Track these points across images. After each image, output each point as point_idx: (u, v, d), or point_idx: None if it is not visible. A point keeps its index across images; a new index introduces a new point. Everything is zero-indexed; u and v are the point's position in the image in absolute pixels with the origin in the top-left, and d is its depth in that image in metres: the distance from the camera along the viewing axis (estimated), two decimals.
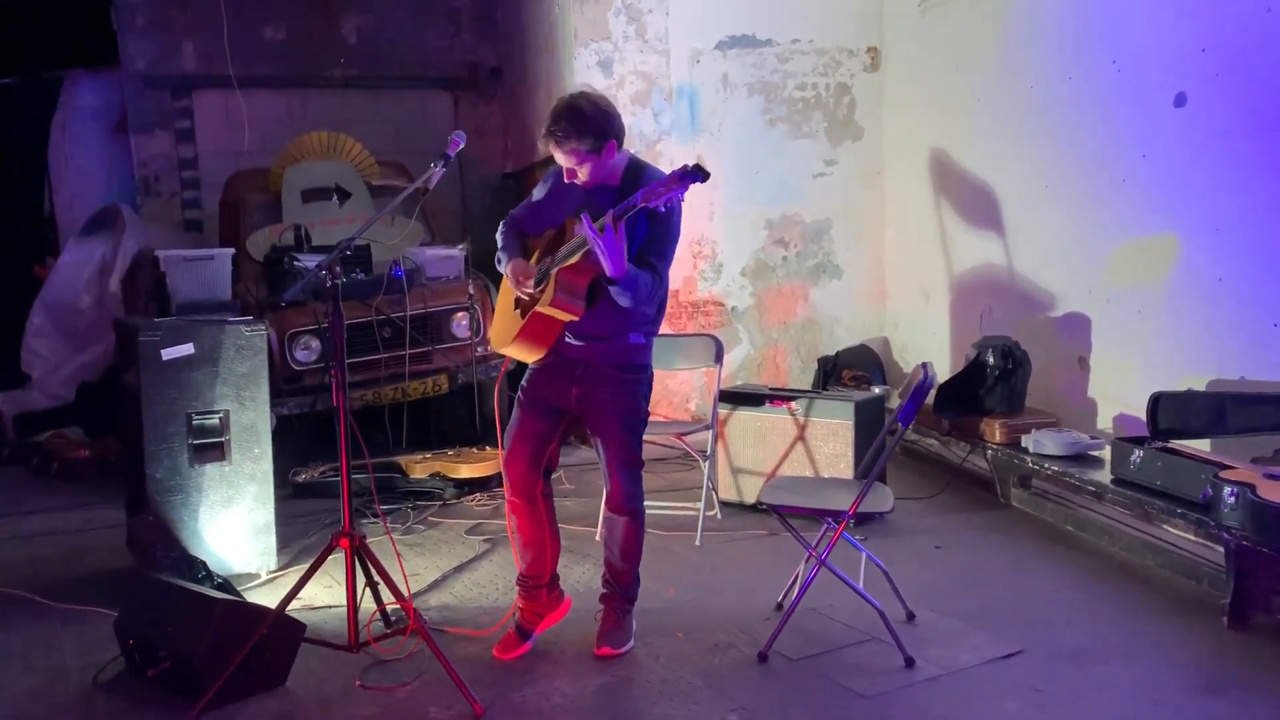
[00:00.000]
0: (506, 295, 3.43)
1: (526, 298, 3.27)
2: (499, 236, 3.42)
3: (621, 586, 3.47)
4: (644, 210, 2.93)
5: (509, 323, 3.37)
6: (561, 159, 3.17)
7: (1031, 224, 5.64)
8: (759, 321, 6.94)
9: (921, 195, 6.61)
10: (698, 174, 2.81)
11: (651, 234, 3.15)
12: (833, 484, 4.12)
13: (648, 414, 3.39)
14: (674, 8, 6.56)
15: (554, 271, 3.13)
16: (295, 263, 5.80)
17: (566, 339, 3.29)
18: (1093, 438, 4.69)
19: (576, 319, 3.17)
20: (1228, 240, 4.41)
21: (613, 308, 3.16)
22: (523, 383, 3.41)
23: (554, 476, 3.49)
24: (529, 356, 3.36)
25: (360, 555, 3.27)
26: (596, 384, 3.29)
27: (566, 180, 3.23)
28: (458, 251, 6.25)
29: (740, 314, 6.90)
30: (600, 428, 3.32)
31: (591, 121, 3.09)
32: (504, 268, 3.33)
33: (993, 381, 5.10)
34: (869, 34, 6.88)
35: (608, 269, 2.98)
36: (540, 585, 3.52)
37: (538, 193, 3.42)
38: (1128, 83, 4.90)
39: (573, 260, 3.11)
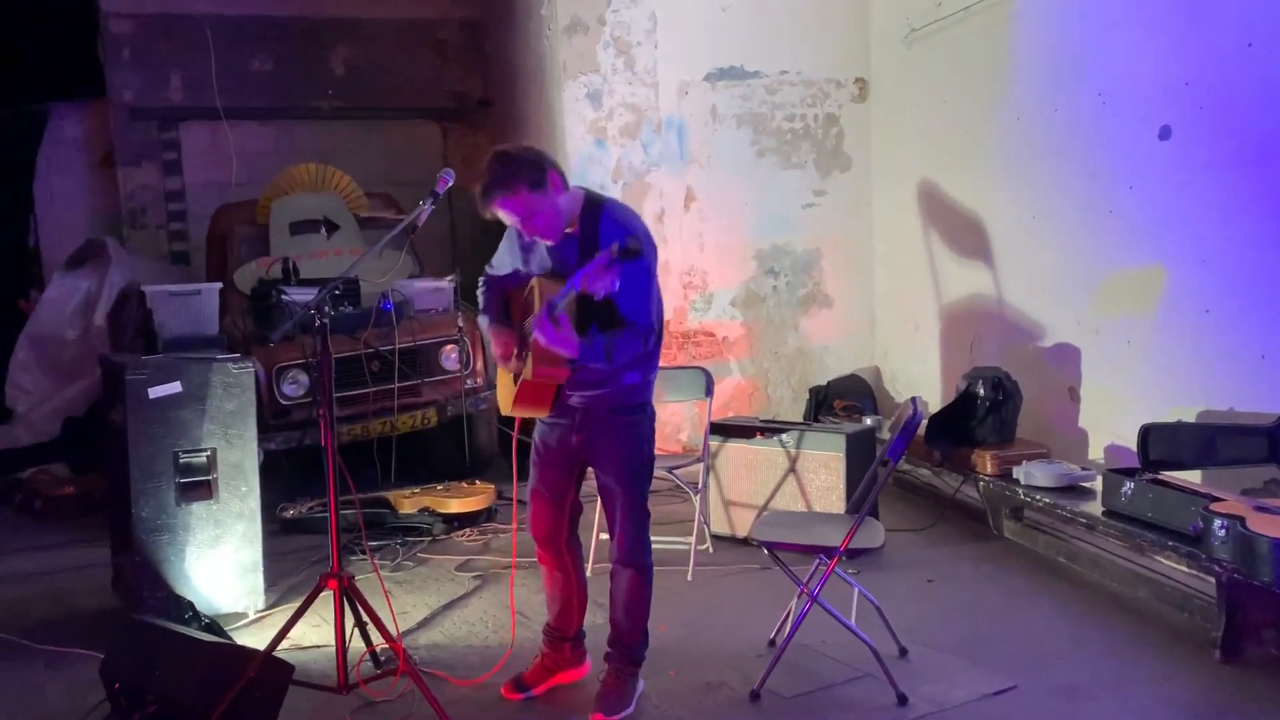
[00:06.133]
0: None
1: (514, 368, 3.24)
2: (479, 295, 3.40)
3: (627, 646, 3.36)
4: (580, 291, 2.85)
5: (507, 389, 3.31)
6: (507, 218, 3.08)
7: (1020, 254, 5.67)
8: (750, 352, 6.97)
9: (910, 225, 6.64)
10: (626, 259, 2.77)
11: (616, 293, 2.96)
12: (824, 519, 4.13)
13: (653, 458, 3.32)
14: (662, 40, 6.64)
15: (530, 341, 3.07)
16: (283, 296, 5.83)
17: (564, 390, 3.25)
18: (1084, 469, 4.69)
19: (564, 381, 3.13)
20: (1214, 271, 4.45)
21: None
22: (534, 438, 3.37)
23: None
24: (536, 414, 3.30)
25: (348, 596, 3.27)
26: (596, 431, 3.22)
27: (527, 238, 3.18)
28: (446, 284, 6.24)
29: (731, 344, 6.93)
30: (602, 476, 3.27)
31: (521, 161, 3.02)
32: (484, 331, 3.34)
33: (984, 412, 5.12)
34: (856, 65, 6.95)
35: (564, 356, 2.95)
36: (565, 638, 3.48)
37: (507, 253, 3.38)
38: (1113, 115, 4.95)
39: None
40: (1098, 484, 4.42)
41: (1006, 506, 4.95)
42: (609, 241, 2.86)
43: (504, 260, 3.39)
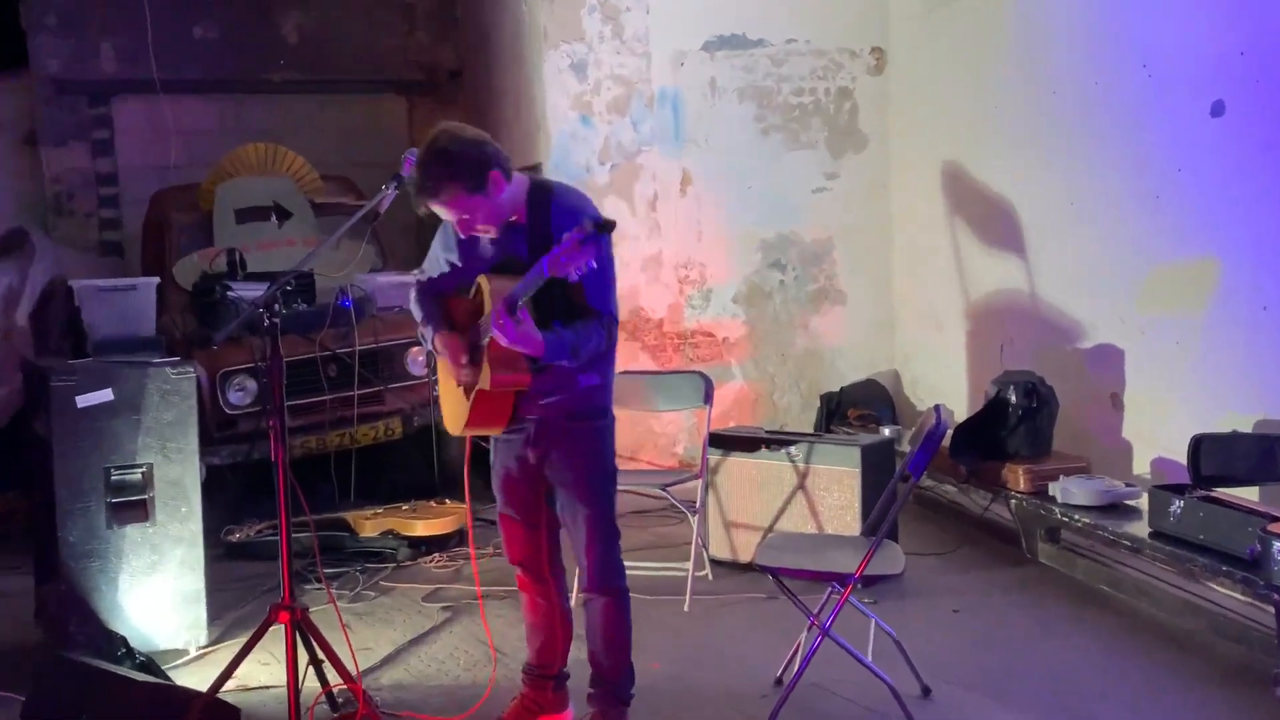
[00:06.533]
0: (447, 373, 3.40)
1: (465, 378, 3.24)
2: (413, 307, 3.40)
3: (611, 684, 3.35)
4: (548, 277, 2.87)
5: (456, 404, 3.33)
6: (446, 214, 3.12)
7: (1056, 245, 5.67)
8: (753, 354, 6.96)
9: (933, 212, 6.62)
10: (599, 234, 2.79)
11: (580, 283, 3.04)
12: (836, 542, 4.14)
13: (615, 469, 3.36)
14: (655, 5, 6.67)
15: (484, 344, 3.09)
16: (228, 292, 5.80)
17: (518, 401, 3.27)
18: (1128, 485, 4.70)
19: (526, 387, 3.15)
20: (1274, 264, 4.43)
21: None
22: (491, 459, 3.42)
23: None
24: (491, 431, 3.33)
25: (302, 630, 3.27)
26: (553, 442, 3.26)
27: (464, 236, 3.20)
28: (413, 278, 6.01)
29: (732, 346, 6.92)
30: (563, 492, 3.30)
31: (462, 157, 3.04)
32: (428, 343, 3.31)
33: (1015, 422, 5.10)
34: (873, 33, 6.94)
35: (524, 353, 2.99)
36: (548, 676, 3.48)
37: (440, 243, 3.39)
38: (1160, 89, 4.95)
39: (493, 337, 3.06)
40: (1143, 502, 4.41)
41: (1041, 527, 4.95)
42: (562, 230, 2.90)
43: (437, 260, 3.41)
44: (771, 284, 6.95)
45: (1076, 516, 4.60)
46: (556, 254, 2.81)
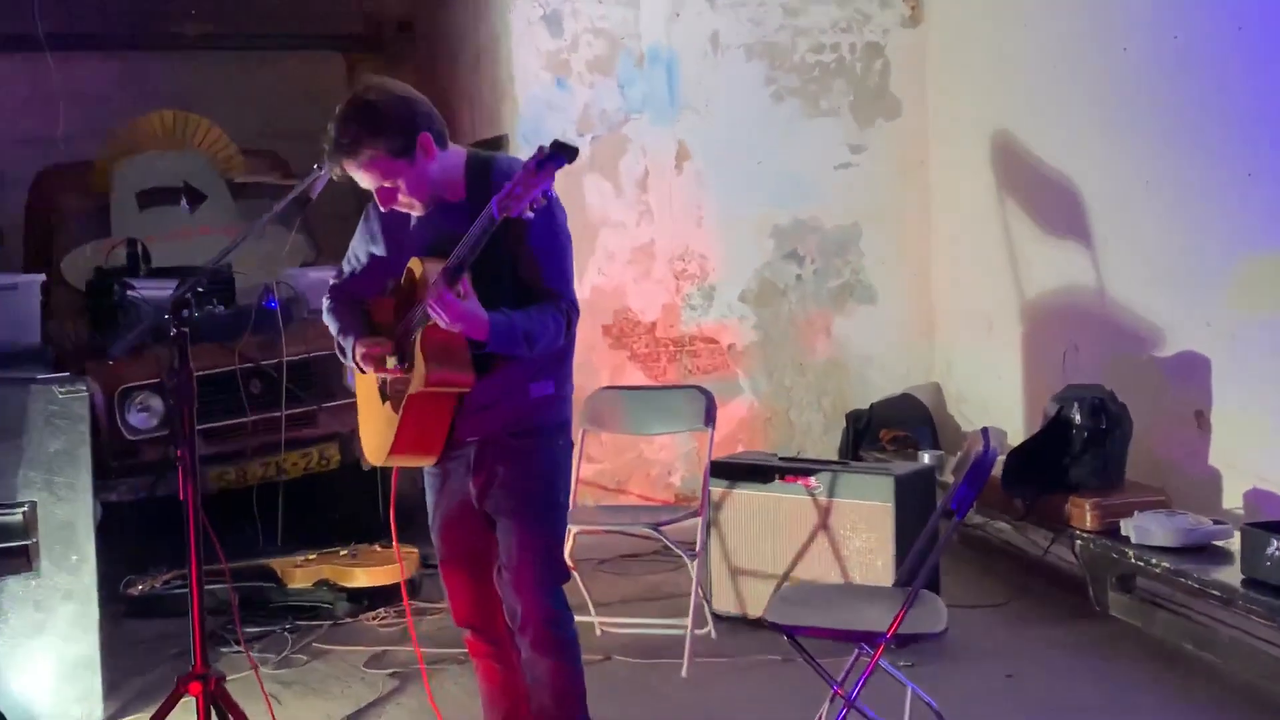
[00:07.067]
0: (367, 389, 3.44)
1: (394, 387, 3.26)
2: (328, 316, 3.44)
3: None
4: (499, 223, 2.92)
5: (379, 426, 3.34)
6: (365, 180, 3.17)
7: (1128, 232, 5.67)
8: (765, 364, 6.94)
9: (980, 193, 6.58)
10: (559, 155, 2.82)
11: (529, 256, 3.14)
12: (865, 593, 4.13)
13: (567, 500, 3.40)
14: None
15: (416, 339, 3.11)
16: (129, 293, 5.79)
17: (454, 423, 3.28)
18: (1216, 522, 4.69)
19: (469, 388, 3.16)
20: None
21: (505, 360, 3.18)
22: (427, 495, 3.45)
23: None
24: (421, 462, 3.35)
25: (217, 704, 3.24)
26: (495, 466, 3.27)
27: (384, 208, 3.24)
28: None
29: (740, 354, 6.90)
30: (502, 523, 3.29)
31: (389, 113, 3.10)
32: (349, 357, 3.33)
33: (1080, 446, 5.13)
34: None
35: (467, 335, 3.02)
36: None
37: (361, 246, 3.45)
38: (1254, 48, 4.92)
39: (430, 322, 3.07)
40: (1235, 543, 4.43)
41: (1112, 574, 4.94)
42: None
43: (360, 253, 3.46)
44: (786, 279, 6.94)
45: (1154, 560, 4.59)
46: (508, 189, 2.85)
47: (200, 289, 5.23)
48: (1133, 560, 4.70)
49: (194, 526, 3.15)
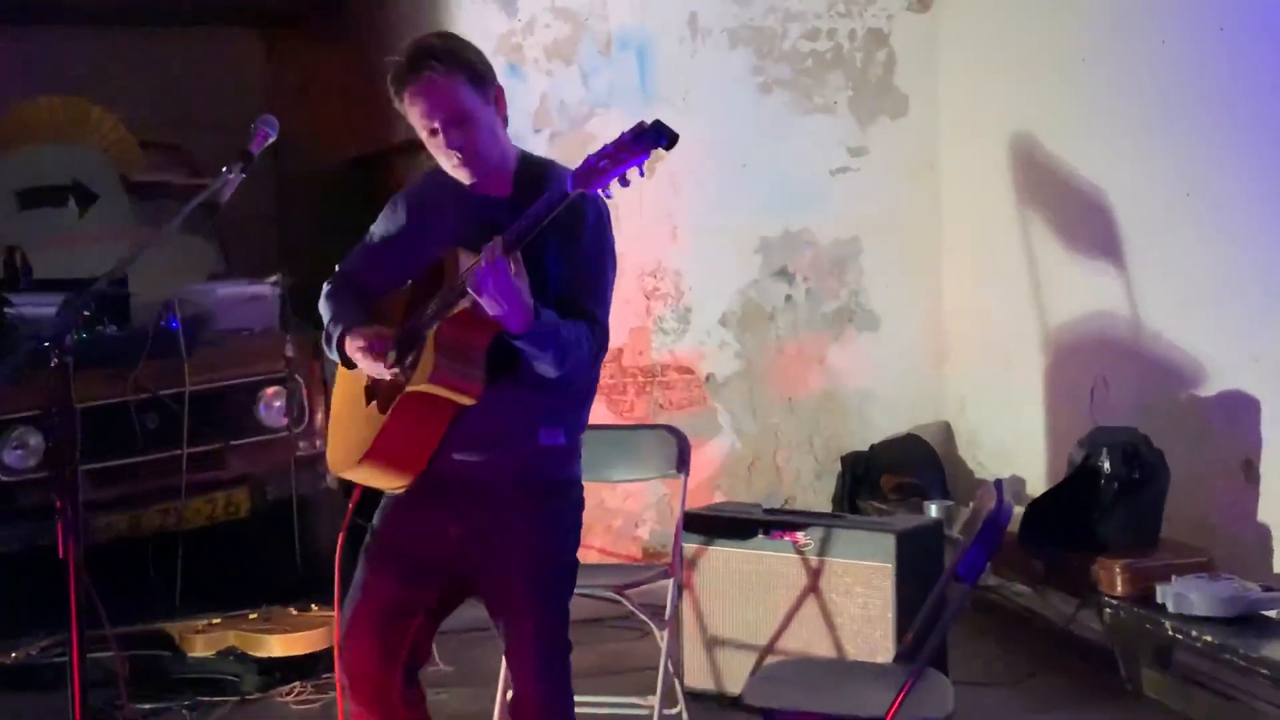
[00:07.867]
0: (347, 388, 3.35)
1: (389, 378, 3.13)
2: (324, 303, 3.37)
3: None
4: (555, 228, 2.88)
5: (357, 428, 3.24)
6: (437, 111, 3.08)
7: (1166, 251, 5.56)
8: (749, 399, 6.82)
9: (997, 204, 6.51)
10: (661, 134, 2.71)
11: (572, 264, 3.11)
12: (860, 670, 4.14)
13: (576, 562, 3.32)
14: None
15: (431, 331, 3.02)
16: (6, 309, 5.78)
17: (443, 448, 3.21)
18: (1266, 589, 4.64)
19: (473, 401, 3.06)
20: None
21: (517, 387, 3.07)
22: (374, 521, 3.33)
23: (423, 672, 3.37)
24: (393, 480, 3.22)
25: None
26: (492, 519, 3.17)
27: (448, 145, 3.10)
28: (268, 288, 6.25)
29: (720, 387, 6.78)
30: (503, 594, 3.23)
31: (474, 52, 3.14)
32: (336, 349, 3.25)
33: (1110, 499, 5.10)
34: None
35: (505, 322, 2.90)
36: None
37: (381, 229, 3.42)
38: None
39: (460, 308, 2.98)
40: None
41: (1147, 647, 4.89)
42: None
43: (378, 238, 3.42)
44: (775, 300, 6.82)
45: (1195, 632, 4.52)
46: (592, 160, 2.76)
47: (88, 311, 5.48)
48: (1170, 632, 4.65)
49: (74, 585, 2.97)
